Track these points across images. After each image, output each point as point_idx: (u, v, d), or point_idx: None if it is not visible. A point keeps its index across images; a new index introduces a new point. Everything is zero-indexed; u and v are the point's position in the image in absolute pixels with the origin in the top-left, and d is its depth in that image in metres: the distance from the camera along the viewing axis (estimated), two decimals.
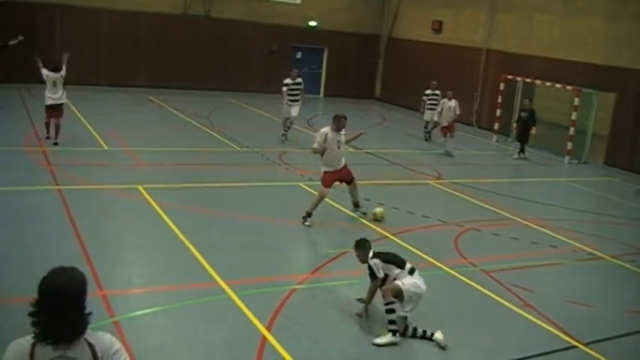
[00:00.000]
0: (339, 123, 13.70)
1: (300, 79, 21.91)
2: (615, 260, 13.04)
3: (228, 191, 15.31)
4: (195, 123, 23.37)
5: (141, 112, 25.19)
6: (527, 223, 14.92)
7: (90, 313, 3.75)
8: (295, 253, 12.26)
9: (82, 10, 28.82)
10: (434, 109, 24.42)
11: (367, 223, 13.63)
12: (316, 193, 13.75)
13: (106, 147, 18.36)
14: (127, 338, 7.86)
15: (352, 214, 14.15)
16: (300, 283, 10.33)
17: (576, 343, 9.22)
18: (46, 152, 16.84)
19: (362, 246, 9.35)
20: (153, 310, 8.95)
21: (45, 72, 18.14)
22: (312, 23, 33.94)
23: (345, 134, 13.85)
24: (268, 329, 8.58)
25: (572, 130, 23.57)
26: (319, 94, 35.14)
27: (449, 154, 22.06)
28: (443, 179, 18.48)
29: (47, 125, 18.44)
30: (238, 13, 31.99)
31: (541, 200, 17.18)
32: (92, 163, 16.45)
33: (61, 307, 3.62)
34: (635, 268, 12.77)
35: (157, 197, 13.91)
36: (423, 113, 25.26)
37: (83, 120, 21.72)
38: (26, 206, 12.71)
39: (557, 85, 24.38)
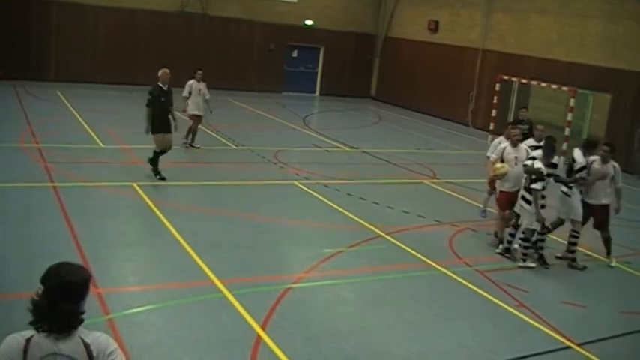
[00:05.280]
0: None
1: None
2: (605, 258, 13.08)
3: (224, 190, 15.29)
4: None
5: (137, 109, 24.96)
6: None
7: (83, 312, 3.76)
8: (290, 252, 12.24)
9: (78, 6, 28.77)
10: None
11: (363, 222, 13.63)
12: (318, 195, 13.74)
13: (101, 144, 18.35)
14: (122, 336, 7.85)
15: (349, 214, 14.13)
16: (295, 282, 10.31)
17: (570, 344, 9.23)
18: (41, 149, 16.81)
19: None
20: (147, 308, 8.94)
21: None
22: (309, 22, 33.94)
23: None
24: (263, 328, 8.58)
25: (567, 131, 23.57)
26: (315, 92, 35.16)
27: (482, 214, 15.32)
28: (438, 179, 18.49)
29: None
30: (235, 12, 31.99)
31: None
32: (87, 161, 16.43)
33: (60, 293, 3.65)
34: (629, 269, 12.81)
35: (152, 195, 13.90)
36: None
37: (79, 117, 21.69)
38: (21, 203, 12.68)
39: (553, 86, 24.39)
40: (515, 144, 12.97)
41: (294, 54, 34.38)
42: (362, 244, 12.44)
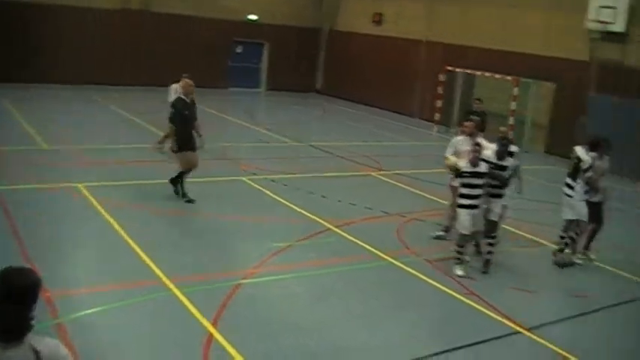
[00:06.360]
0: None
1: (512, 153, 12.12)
2: (555, 247, 13.24)
3: (171, 188, 15.10)
4: (137, 120, 23.11)
5: (82, 109, 24.78)
6: None
7: (33, 317, 3.68)
8: (239, 247, 12.18)
9: (20, 5, 28.15)
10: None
11: (312, 216, 13.62)
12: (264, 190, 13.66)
13: (45, 146, 18.03)
14: (72, 339, 7.73)
15: (297, 208, 14.12)
16: (245, 278, 10.27)
17: (520, 329, 9.37)
18: None
19: None
20: (97, 310, 8.81)
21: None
22: (253, 17, 33.78)
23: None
24: (214, 325, 8.53)
25: (512, 120, 23.92)
26: (260, 88, 35.06)
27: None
28: (385, 170, 18.58)
29: None
30: (179, 8, 31.62)
31: None
32: (32, 162, 16.12)
33: (9, 298, 3.58)
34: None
35: (98, 195, 13.70)
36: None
37: (21, 119, 21.30)
38: None
39: (497, 76, 24.72)
40: (470, 136, 12.44)
41: (239, 49, 34.22)
42: (311, 237, 12.45)
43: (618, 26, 22.09)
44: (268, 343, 8.34)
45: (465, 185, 11.17)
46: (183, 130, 13.89)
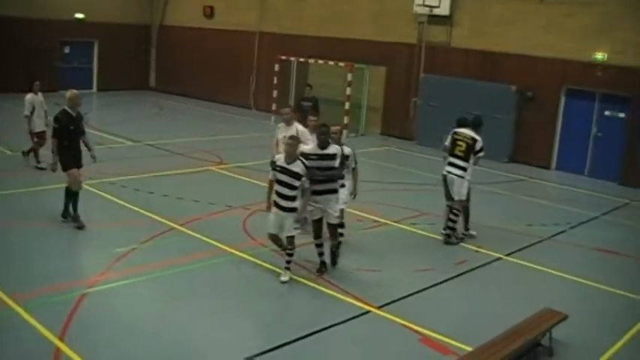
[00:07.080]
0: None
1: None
2: (398, 224, 13.58)
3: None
4: None
5: None
6: None
7: None
8: (82, 256, 11.69)
9: None
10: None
11: (154, 216, 13.28)
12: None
13: None
14: None
15: (139, 210, 13.73)
16: (90, 287, 9.83)
17: (370, 308, 9.52)
18: None
19: None
20: None
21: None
22: (79, 15, 32.56)
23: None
24: (61, 339, 8.09)
25: (347, 105, 24.36)
26: (92, 88, 33.90)
27: None
28: (225, 164, 18.44)
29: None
30: None
31: None
32: None
33: None
34: (417, 230, 13.36)
35: None
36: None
37: None
38: None
39: (331, 62, 25.06)
40: (287, 123, 13.17)
41: (67, 50, 32.91)
42: (155, 238, 12.13)
43: (443, 10, 23.07)
44: (119, 350, 8.03)
45: (277, 181, 10.44)
46: (70, 147, 12.53)
